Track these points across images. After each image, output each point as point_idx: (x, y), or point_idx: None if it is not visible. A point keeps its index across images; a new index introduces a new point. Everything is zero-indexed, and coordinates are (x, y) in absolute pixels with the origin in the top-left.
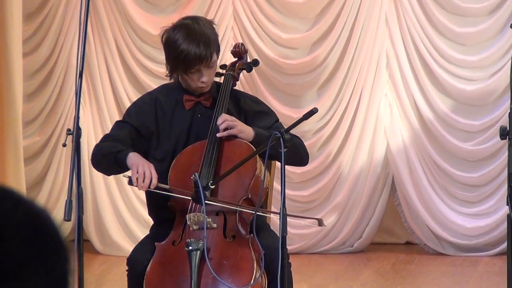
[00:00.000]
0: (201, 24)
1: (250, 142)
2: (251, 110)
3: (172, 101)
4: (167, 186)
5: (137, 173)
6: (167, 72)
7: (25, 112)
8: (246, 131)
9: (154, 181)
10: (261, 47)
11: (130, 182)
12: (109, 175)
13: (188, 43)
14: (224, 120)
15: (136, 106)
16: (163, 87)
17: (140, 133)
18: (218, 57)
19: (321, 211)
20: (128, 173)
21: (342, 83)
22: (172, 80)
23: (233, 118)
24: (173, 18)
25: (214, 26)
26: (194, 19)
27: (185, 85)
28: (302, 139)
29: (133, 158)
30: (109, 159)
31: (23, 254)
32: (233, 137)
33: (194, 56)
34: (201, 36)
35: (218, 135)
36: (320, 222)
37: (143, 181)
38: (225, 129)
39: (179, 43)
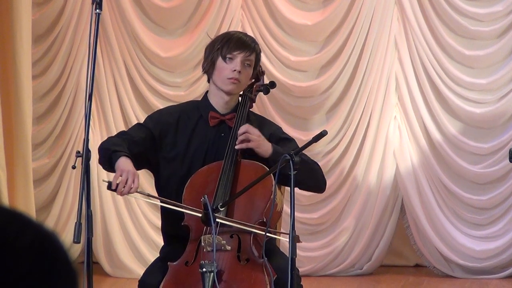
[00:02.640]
0: (248, 36)
1: (267, 159)
2: (276, 135)
3: (197, 115)
4: (145, 193)
5: (120, 177)
6: (202, 69)
7: (34, 134)
8: (264, 147)
9: (133, 190)
10: (270, 69)
11: (109, 187)
12: (103, 168)
13: (233, 34)
14: (246, 131)
15: (160, 114)
16: (190, 102)
17: (155, 141)
18: (254, 71)
19: (330, 234)
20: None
21: (351, 106)
22: (205, 74)
23: (256, 131)
24: (183, 40)
25: (260, 49)
26: (243, 32)
27: (218, 81)
28: None
29: (122, 162)
30: (106, 154)
31: (31, 277)
32: (250, 157)
33: (237, 41)
34: (245, 37)
35: (236, 147)
36: (297, 239)
37: (124, 187)
38: (244, 140)
39: (223, 35)
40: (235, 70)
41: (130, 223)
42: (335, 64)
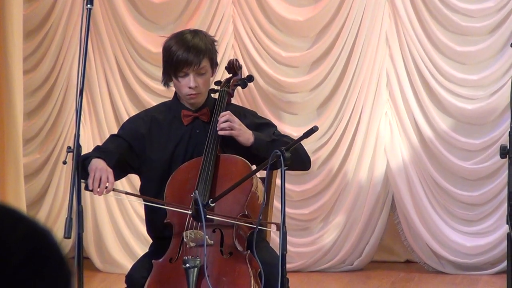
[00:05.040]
0: (198, 35)
1: (249, 148)
2: (253, 123)
3: (170, 116)
4: (123, 191)
5: (94, 178)
6: (162, 81)
7: (25, 130)
8: (245, 135)
9: (110, 186)
10: (261, 65)
11: (87, 187)
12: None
13: (179, 47)
14: (228, 119)
15: (130, 122)
16: (161, 104)
17: (132, 148)
18: (213, 69)
19: (321, 230)
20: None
21: (342, 102)
22: (166, 87)
23: (236, 119)
24: None
25: (213, 40)
26: (194, 31)
27: (179, 95)
28: None
29: (94, 163)
30: (81, 166)
31: (22, 273)
32: (230, 151)
33: (182, 59)
34: (193, 44)
35: (219, 133)
36: (278, 227)
37: (99, 186)
38: (226, 128)
39: (171, 46)
40: (190, 87)
41: (121, 219)
42: (326, 60)
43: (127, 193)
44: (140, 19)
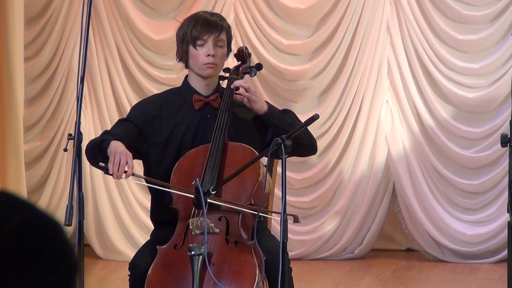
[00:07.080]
0: (215, 14)
1: (261, 116)
2: None
3: (180, 100)
4: (142, 176)
5: (114, 161)
6: (177, 58)
7: (26, 117)
8: (260, 103)
9: (129, 171)
10: (262, 53)
11: (106, 171)
12: (98, 166)
13: (198, 20)
14: (240, 85)
15: (140, 105)
16: (171, 90)
17: (142, 132)
18: (228, 50)
19: (321, 218)
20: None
21: (343, 90)
22: (181, 63)
23: (252, 86)
24: (175, 23)
25: (229, 25)
26: (209, 11)
27: (195, 68)
28: None
29: (113, 146)
30: (94, 149)
31: (16, 259)
32: (237, 140)
33: (202, 27)
34: (213, 19)
35: (235, 98)
36: (295, 219)
37: (118, 169)
38: (241, 92)
39: (189, 18)
40: (208, 55)
41: (122, 206)
42: (327, 48)
43: (146, 178)
44: (142, 6)
